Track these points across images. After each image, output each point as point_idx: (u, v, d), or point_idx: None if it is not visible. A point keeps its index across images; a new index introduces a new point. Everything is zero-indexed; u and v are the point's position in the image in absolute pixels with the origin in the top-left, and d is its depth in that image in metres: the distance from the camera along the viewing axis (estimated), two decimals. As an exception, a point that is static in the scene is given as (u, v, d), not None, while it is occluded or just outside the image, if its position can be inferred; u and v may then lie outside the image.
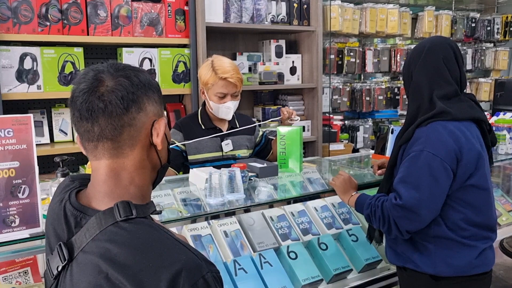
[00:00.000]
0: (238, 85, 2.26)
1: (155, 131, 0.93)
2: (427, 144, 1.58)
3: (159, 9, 2.97)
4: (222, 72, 2.21)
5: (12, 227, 1.35)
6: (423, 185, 1.56)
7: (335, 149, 3.85)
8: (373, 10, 4.15)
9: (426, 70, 1.68)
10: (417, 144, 1.60)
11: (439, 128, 1.59)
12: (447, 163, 1.55)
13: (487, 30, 5.12)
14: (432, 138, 1.58)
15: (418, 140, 1.61)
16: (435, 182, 1.55)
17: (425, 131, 1.61)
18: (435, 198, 1.57)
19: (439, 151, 1.55)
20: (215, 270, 0.84)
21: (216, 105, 2.27)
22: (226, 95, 2.25)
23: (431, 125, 1.61)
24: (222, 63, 2.25)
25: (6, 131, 1.32)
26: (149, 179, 0.97)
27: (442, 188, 1.57)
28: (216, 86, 2.24)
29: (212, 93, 2.26)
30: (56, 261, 0.90)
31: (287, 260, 1.89)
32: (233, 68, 2.25)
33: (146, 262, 0.80)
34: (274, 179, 2.08)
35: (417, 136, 1.63)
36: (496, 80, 3.62)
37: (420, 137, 1.61)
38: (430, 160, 1.55)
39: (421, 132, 1.62)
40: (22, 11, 2.56)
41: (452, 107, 1.62)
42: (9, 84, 2.59)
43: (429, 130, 1.60)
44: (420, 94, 1.68)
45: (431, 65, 1.67)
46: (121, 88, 0.89)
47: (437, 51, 1.68)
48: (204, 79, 2.26)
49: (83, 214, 0.91)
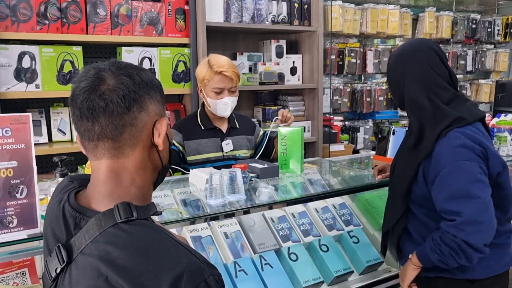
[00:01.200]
0: (234, 79, 2.27)
1: (157, 131, 0.92)
2: (456, 154, 1.51)
3: (159, 8, 2.95)
4: (218, 67, 2.23)
5: (10, 228, 1.33)
6: (472, 192, 1.49)
7: (336, 150, 3.83)
8: (374, 11, 4.14)
9: (415, 79, 1.62)
10: (444, 158, 1.53)
11: (459, 135, 1.54)
12: (482, 164, 1.52)
13: (487, 31, 5.11)
14: (458, 146, 1.52)
15: (443, 153, 1.54)
16: (482, 184, 1.50)
17: (447, 142, 1.54)
18: (487, 200, 1.50)
19: (470, 157, 1.50)
20: (217, 273, 0.82)
21: (214, 101, 2.27)
22: (222, 90, 2.26)
23: (450, 135, 1.55)
24: (218, 59, 2.27)
25: (4, 130, 1.30)
26: (150, 179, 0.95)
27: (488, 188, 1.52)
28: (212, 81, 2.24)
29: (209, 89, 2.26)
30: (55, 263, 0.88)
31: (288, 261, 1.87)
32: (229, 63, 2.27)
33: (147, 265, 0.79)
34: (274, 180, 2.07)
35: (440, 149, 1.55)
36: (497, 81, 3.61)
37: (444, 149, 1.54)
38: (467, 167, 1.50)
39: (442, 144, 1.55)
40: (21, 9, 2.54)
41: (460, 111, 1.58)
42: (7, 83, 2.56)
43: (452, 140, 1.54)
44: (419, 105, 1.62)
45: (419, 73, 1.62)
46: (122, 87, 0.87)
47: (420, 57, 1.63)
48: (200, 76, 2.28)
49: (82, 215, 0.89)
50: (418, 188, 1.64)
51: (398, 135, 2.35)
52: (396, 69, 1.68)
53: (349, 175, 2.43)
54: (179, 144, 2.32)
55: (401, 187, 1.67)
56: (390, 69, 1.73)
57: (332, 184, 2.22)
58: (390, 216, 1.77)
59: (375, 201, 2.33)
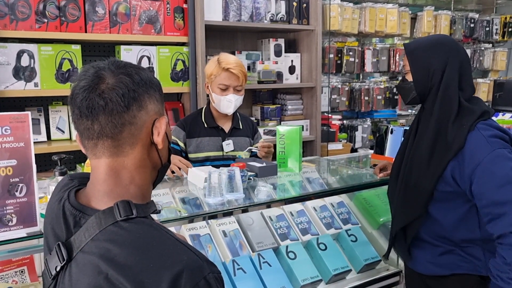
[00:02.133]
0: (241, 78, 2.28)
1: (156, 130, 0.92)
2: (491, 144, 1.48)
3: (157, 7, 2.95)
4: (226, 64, 2.26)
5: (9, 226, 1.33)
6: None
7: (334, 149, 3.84)
8: (372, 10, 4.15)
9: (457, 70, 1.59)
10: (480, 150, 1.48)
11: (487, 127, 1.53)
12: None
13: (485, 30, 5.12)
14: (490, 137, 1.49)
15: (477, 146, 1.49)
16: None
17: (477, 134, 1.51)
18: None
19: (503, 144, 1.48)
20: (216, 271, 0.83)
21: (218, 97, 2.28)
22: (228, 87, 2.27)
23: (478, 127, 1.52)
24: (227, 57, 2.31)
25: (4, 129, 1.30)
26: (150, 178, 0.95)
27: None
28: (219, 77, 2.27)
29: (215, 85, 2.28)
30: (55, 261, 0.88)
31: (286, 260, 1.88)
32: (237, 62, 2.30)
33: (147, 262, 0.79)
34: (273, 179, 2.07)
35: (472, 143, 1.50)
36: (495, 80, 3.61)
37: (477, 142, 1.50)
38: (506, 155, 1.46)
39: (473, 137, 1.51)
40: (20, 8, 2.54)
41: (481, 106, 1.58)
42: (6, 81, 2.56)
43: (482, 131, 1.51)
44: (450, 97, 1.57)
45: (461, 65, 1.60)
46: (122, 85, 0.87)
47: (461, 51, 1.62)
48: (208, 72, 2.31)
49: (82, 213, 0.89)
50: (444, 186, 1.57)
51: (396, 134, 2.36)
52: (437, 56, 1.60)
53: (347, 174, 2.44)
54: (182, 143, 2.33)
55: (425, 187, 1.60)
56: (425, 56, 1.62)
57: (330, 183, 2.23)
58: (404, 217, 1.69)
59: (373, 199, 2.34)
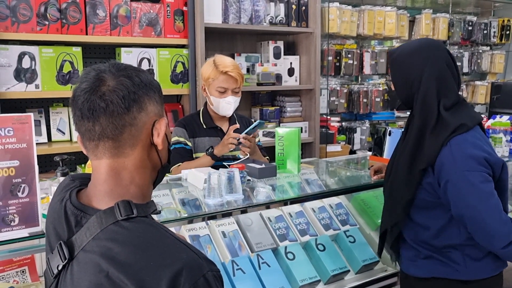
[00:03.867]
0: (239, 80, 2.31)
1: (156, 131, 0.94)
2: (458, 164, 1.49)
3: (158, 9, 2.97)
4: (223, 67, 2.27)
5: (12, 226, 1.34)
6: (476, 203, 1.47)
7: (332, 151, 3.86)
8: (371, 12, 4.17)
9: (435, 79, 1.56)
10: (446, 168, 1.50)
11: (459, 144, 1.51)
12: (484, 172, 1.49)
13: (483, 33, 5.14)
14: (460, 156, 1.49)
15: (445, 163, 1.51)
16: (485, 193, 1.48)
17: (448, 151, 1.51)
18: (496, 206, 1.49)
19: (471, 166, 1.48)
20: (215, 269, 0.84)
21: (217, 100, 2.30)
22: (226, 90, 2.29)
23: (451, 142, 1.51)
24: (223, 59, 2.32)
25: (6, 130, 1.31)
26: (150, 178, 0.97)
27: (492, 195, 1.49)
28: (217, 80, 2.28)
29: (213, 88, 2.30)
30: (56, 260, 0.90)
31: (285, 260, 1.89)
32: (234, 64, 2.31)
33: (147, 260, 0.81)
34: (272, 180, 2.09)
35: (442, 159, 1.52)
36: (493, 83, 3.63)
37: (446, 159, 1.51)
38: (469, 178, 1.47)
39: (444, 153, 1.51)
40: (21, 10, 2.56)
41: (461, 117, 1.55)
42: (7, 83, 2.58)
43: (453, 148, 1.51)
44: (429, 106, 1.56)
45: (439, 73, 1.57)
46: (122, 87, 0.89)
47: (440, 55, 1.59)
48: (205, 75, 2.32)
49: (84, 213, 0.91)
50: (423, 194, 1.60)
51: (394, 136, 2.38)
52: (414, 65, 1.59)
53: (346, 175, 2.46)
54: (187, 140, 2.34)
55: (404, 194, 1.62)
56: (403, 66, 1.62)
57: (329, 184, 2.24)
58: (388, 219, 1.74)
59: (371, 201, 2.36)
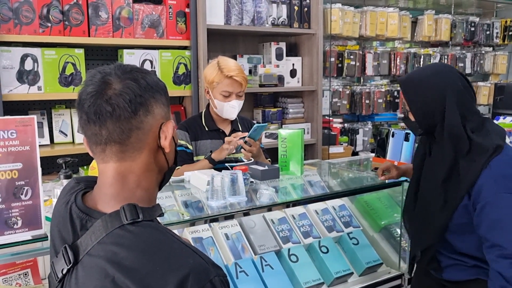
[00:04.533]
0: (243, 84, 2.30)
1: (163, 134, 0.93)
2: (499, 184, 1.48)
3: (160, 11, 2.97)
4: (228, 71, 2.25)
5: (15, 229, 1.34)
6: None
7: (335, 152, 3.85)
8: (373, 14, 4.16)
9: (456, 105, 1.55)
10: (486, 189, 1.49)
11: (500, 165, 1.50)
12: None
13: (486, 34, 5.14)
14: (502, 175, 1.49)
15: (485, 184, 1.49)
16: None
17: (488, 173, 1.50)
18: None
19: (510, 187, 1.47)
20: (222, 274, 0.83)
21: (221, 104, 2.29)
22: (231, 94, 2.28)
23: (492, 165, 1.50)
24: (227, 63, 2.30)
25: (10, 132, 1.31)
26: (156, 181, 0.96)
27: None
28: (221, 84, 2.27)
29: (217, 92, 2.28)
30: (61, 263, 0.89)
31: (288, 263, 1.89)
32: (238, 68, 2.30)
33: (153, 265, 0.80)
34: (275, 182, 2.08)
35: (481, 181, 1.50)
36: (496, 84, 3.63)
37: (485, 180, 1.50)
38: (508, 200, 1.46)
39: (483, 175, 1.50)
40: (24, 12, 2.56)
41: (491, 138, 1.54)
42: (10, 85, 2.58)
43: (494, 170, 1.50)
44: (457, 135, 1.55)
45: (458, 97, 1.56)
46: (128, 91, 0.88)
47: (455, 81, 1.57)
48: (209, 78, 2.30)
49: (89, 216, 0.90)
50: (457, 218, 1.58)
51: (397, 137, 2.37)
52: (432, 96, 1.57)
53: (349, 177, 2.45)
54: (188, 143, 2.34)
55: (439, 219, 1.61)
56: (420, 97, 1.60)
57: (332, 186, 2.24)
58: (419, 242, 1.72)
59: (375, 202, 2.35)
